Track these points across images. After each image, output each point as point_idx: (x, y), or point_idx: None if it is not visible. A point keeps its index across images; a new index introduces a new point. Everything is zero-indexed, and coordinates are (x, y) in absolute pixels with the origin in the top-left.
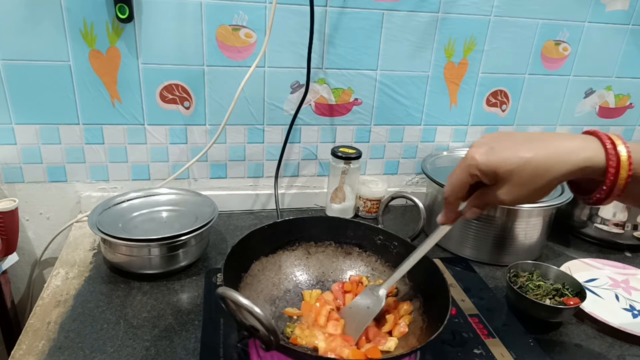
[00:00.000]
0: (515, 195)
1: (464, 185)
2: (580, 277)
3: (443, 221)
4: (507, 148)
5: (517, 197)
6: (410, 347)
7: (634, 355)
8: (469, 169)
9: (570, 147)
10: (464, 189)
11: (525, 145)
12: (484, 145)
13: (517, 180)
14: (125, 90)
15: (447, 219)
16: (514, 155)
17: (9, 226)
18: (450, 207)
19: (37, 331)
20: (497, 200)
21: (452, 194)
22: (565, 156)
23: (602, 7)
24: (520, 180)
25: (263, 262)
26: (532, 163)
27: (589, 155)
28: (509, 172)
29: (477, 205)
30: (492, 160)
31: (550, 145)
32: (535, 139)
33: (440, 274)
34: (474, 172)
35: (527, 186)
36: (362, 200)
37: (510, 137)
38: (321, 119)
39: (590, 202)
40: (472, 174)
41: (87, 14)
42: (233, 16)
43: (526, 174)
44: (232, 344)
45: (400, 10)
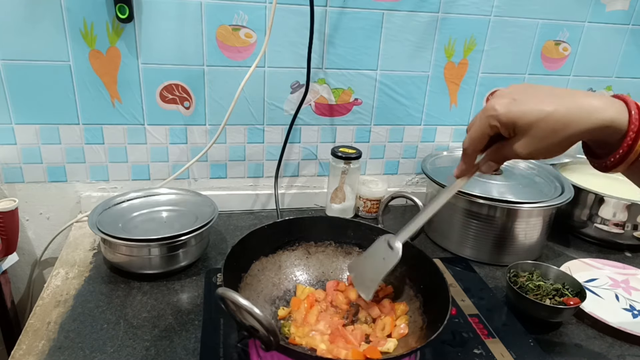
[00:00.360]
0: (532, 148)
1: (484, 136)
2: (580, 277)
3: (460, 174)
4: (529, 100)
5: (533, 151)
6: (410, 347)
7: (634, 355)
8: (489, 120)
9: (594, 105)
10: (483, 141)
11: (549, 99)
12: (507, 96)
13: (535, 133)
14: (125, 90)
15: (464, 171)
16: (535, 107)
17: (9, 226)
18: (467, 159)
19: (37, 331)
20: (514, 154)
21: (470, 145)
22: (587, 113)
23: (602, 7)
24: (539, 133)
25: (263, 262)
26: (553, 117)
27: (611, 116)
28: (529, 125)
29: (494, 158)
30: (513, 112)
31: (573, 101)
32: (560, 93)
33: (440, 274)
34: (494, 123)
35: (545, 140)
36: (362, 200)
37: (535, 90)
38: (321, 119)
39: (603, 165)
40: (492, 125)
41: (87, 14)
42: (233, 16)
43: (545, 127)
44: (232, 344)
45: (400, 10)
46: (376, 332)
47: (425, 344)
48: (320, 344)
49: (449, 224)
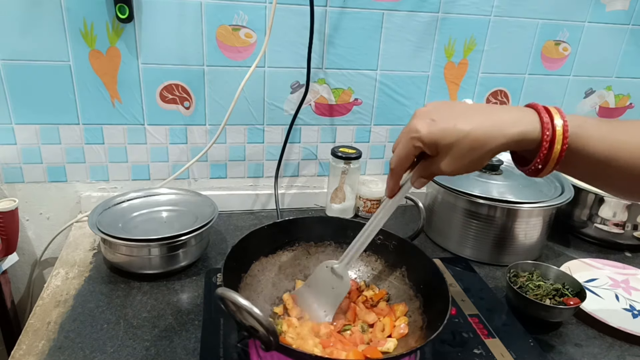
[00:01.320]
0: (455, 166)
1: (409, 156)
2: (580, 277)
3: (391, 193)
4: (448, 120)
5: (456, 168)
6: (409, 347)
7: (634, 355)
8: (412, 142)
9: (507, 119)
10: (409, 160)
11: (464, 118)
12: (426, 117)
13: (456, 152)
14: (125, 90)
15: (393, 189)
16: (453, 128)
17: (9, 226)
18: (395, 177)
19: (37, 331)
20: (440, 171)
21: (397, 165)
22: (501, 129)
23: (602, 7)
24: (459, 152)
25: (263, 262)
26: (470, 137)
27: (524, 129)
28: (449, 145)
29: (423, 175)
30: (434, 132)
31: (487, 118)
32: (474, 110)
33: (440, 274)
34: (418, 144)
35: (465, 158)
36: (362, 200)
37: (450, 108)
38: (321, 119)
39: (527, 172)
40: (416, 146)
41: (87, 14)
42: (233, 16)
43: (464, 146)
44: (232, 344)
45: (400, 10)
46: (376, 333)
47: (425, 343)
48: (313, 348)
49: (449, 224)
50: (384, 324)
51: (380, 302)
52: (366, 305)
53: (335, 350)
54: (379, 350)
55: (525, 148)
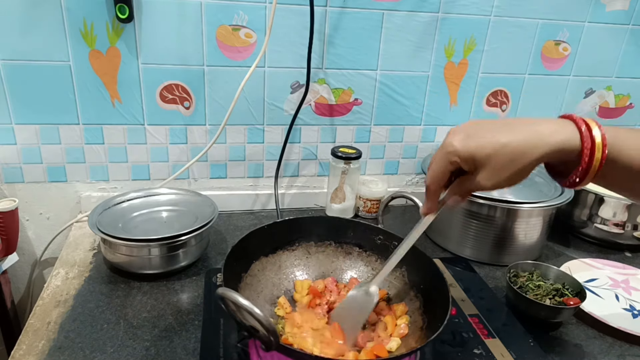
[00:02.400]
0: (494, 180)
1: (445, 173)
2: (580, 277)
3: (427, 211)
4: (484, 134)
5: (496, 182)
6: (410, 347)
7: (634, 355)
8: (448, 157)
9: (545, 130)
10: (445, 177)
11: (502, 131)
12: (461, 132)
13: (494, 165)
14: (125, 90)
15: (430, 208)
16: (491, 140)
17: (9, 226)
18: (432, 196)
19: (37, 331)
20: (477, 187)
21: (433, 183)
22: (541, 139)
23: (602, 7)
24: (498, 164)
25: (263, 262)
26: (509, 147)
27: (564, 138)
28: (487, 157)
29: (459, 192)
30: (471, 146)
31: (526, 129)
32: (511, 123)
33: (440, 274)
34: (454, 159)
35: (505, 170)
36: (362, 200)
37: (487, 123)
38: (321, 119)
39: (567, 184)
40: (452, 162)
41: (87, 14)
42: (233, 16)
43: (503, 158)
44: (232, 344)
45: (400, 10)
46: (379, 332)
47: (425, 344)
48: (312, 347)
49: (449, 224)
50: (386, 322)
51: (380, 302)
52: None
53: (333, 352)
54: (385, 349)
55: (565, 159)
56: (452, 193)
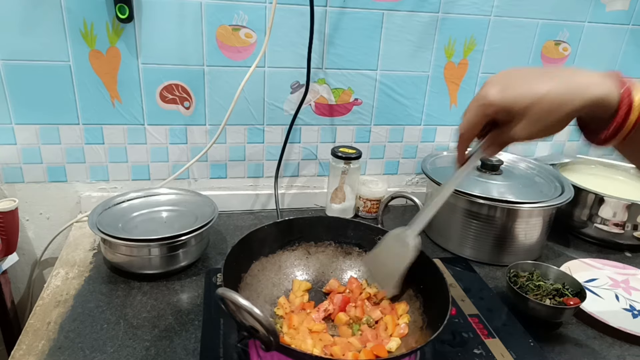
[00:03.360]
0: (530, 130)
1: (479, 123)
2: (580, 277)
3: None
4: (521, 84)
5: (532, 133)
6: (410, 347)
7: (634, 355)
8: (483, 109)
9: (586, 82)
10: (478, 127)
11: (539, 81)
12: (498, 83)
13: (532, 116)
14: (125, 90)
15: (461, 159)
16: (528, 91)
17: (9, 226)
18: (463, 144)
19: (37, 331)
20: (513, 137)
21: (467, 131)
22: (579, 90)
23: (602, 7)
24: (535, 115)
25: (263, 262)
26: (547, 98)
27: (603, 92)
28: (524, 109)
29: (495, 142)
30: (507, 98)
31: (565, 80)
32: (550, 73)
33: (440, 274)
34: (489, 110)
35: (542, 121)
36: (362, 200)
37: (525, 73)
38: (321, 119)
39: (596, 140)
40: (487, 113)
41: (87, 14)
42: (233, 16)
43: (540, 109)
44: (232, 344)
45: (400, 10)
46: (379, 331)
47: (425, 343)
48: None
49: (448, 224)
50: (386, 322)
51: (384, 300)
52: (371, 302)
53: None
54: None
55: (601, 114)
56: (489, 143)
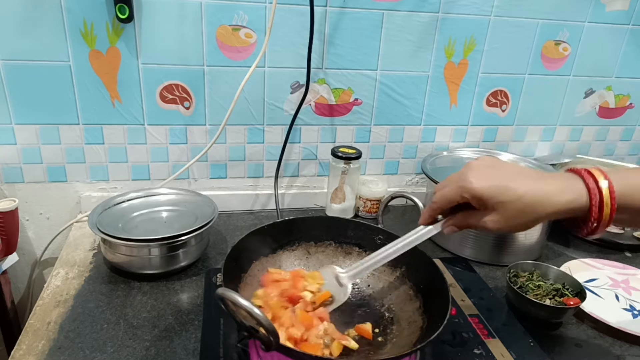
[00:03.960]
0: (501, 224)
1: (453, 202)
2: (580, 277)
3: (423, 222)
4: (501, 179)
5: (503, 227)
6: (410, 347)
7: (634, 355)
8: (461, 191)
9: (553, 189)
10: (451, 205)
11: (517, 181)
12: (480, 172)
13: (505, 212)
14: (125, 90)
15: (425, 220)
16: (508, 188)
17: (9, 226)
18: (432, 212)
19: (37, 331)
20: (482, 226)
21: (440, 205)
22: (550, 198)
23: (602, 7)
24: (509, 213)
25: (263, 262)
26: (523, 199)
27: (572, 197)
28: (500, 204)
29: (458, 224)
30: (486, 188)
31: (539, 184)
32: (527, 174)
33: (440, 274)
34: (466, 194)
35: (514, 219)
36: (362, 200)
37: (504, 167)
38: (321, 119)
39: (582, 235)
40: (463, 195)
41: (87, 14)
42: (233, 16)
43: (515, 208)
44: (232, 344)
45: (400, 10)
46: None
47: (425, 343)
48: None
49: None
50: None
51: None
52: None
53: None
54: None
55: (575, 215)
56: (451, 222)
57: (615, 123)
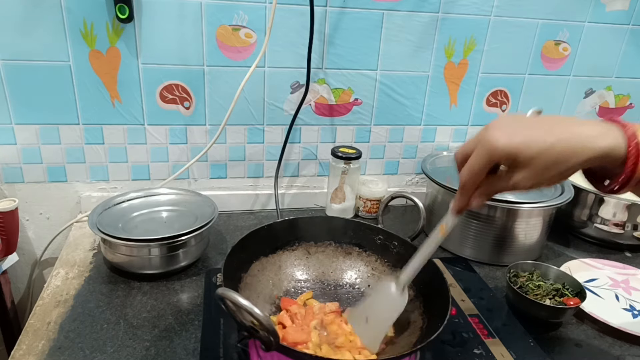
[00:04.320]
0: (534, 180)
1: (484, 170)
2: (580, 277)
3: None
4: (528, 132)
5: (536, 183)
6: (410, 347)
7: (634, 355)
8: (490, 153)
9: (591, 133)
10: (483, 174)
11: (546, 129)
12: (504, 128)
13: (538, 165)
14: (125, 90)
15: (463, 206)
16: (537, 139)
17: (9, 226)
18: (466, 193)
19: (37, 331)
20: (514, 186)
21: (470, 179)
22: (587, 142)
23: (602, 7)
24: (542, 165)
25: (263, 262)
26: (555, 148)
27: (610, 144)
28: (531, 157)
29: (488, 192)
30: (515, 143)
31: (571, 130)
32: (556, 123)
33: (440, 274)
34: (495, 156)
35: (547, 171)
36: (362, 200)
37: (529, 120)
38: (321, 119)
39: (605, 190)
40: (492, 158)
41: (87, 14)
42: (233, 16)
43: (548, 159)
44: (232, 344)
45: (400, 10)
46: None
47: (425, 343)
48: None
49: None
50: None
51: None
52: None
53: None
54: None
55: (608, 164)
56: (481, 192)
57: None
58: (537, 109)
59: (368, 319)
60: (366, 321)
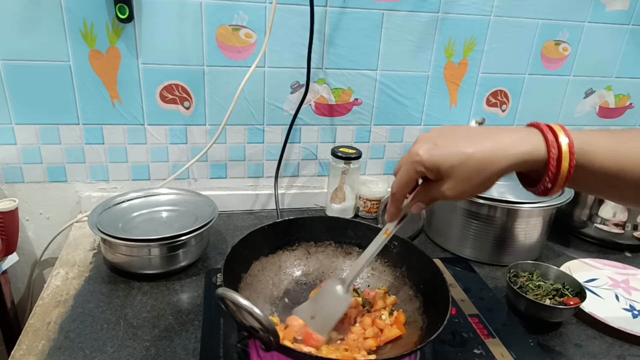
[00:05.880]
0: (458, 190)
1: (411, 180)
2: (580, 277)
3: (391, 218)
4: (450, 144)
5: (460, 192)
6: (410, 347)
7: (634, 355)
8: (414, 166)
9: (510, 140)
10: (410, 185)
11: (467, 141)
12: (428, 141)
13: (459, 175)
14: (125, 90)
15: (394, 215)
16: (455, 151)
17: (9, 226)
18: (396, 202)
19: (37, 331)
20: (442, 196)
21: (398, 190)
22: (505, 150)
23: (602, 7)
24: (463, 175)
25: (263, 262)
26: (474, 158)
27: (529, 148)
28: (452, 168)
29: (422, 200)
30: (436, 156)
31: (491, 140)
32: (477, 133)
33: (440, 274)
34: (420, 168)
35: (469, 181)
36: (362, 200)
37: (453, 132)
38: (321, 119)
39: (537, 192)
40: (417, 170)
41: (87, 14)
42: (233, 16)
43: (468, 169)
44: (232, 344)
45: (400, 10)
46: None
47: (425, 343)
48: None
49: (449, 224)
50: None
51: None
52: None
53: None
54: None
55: (532, 168)
56: (416, 200)
57: (615, 123)
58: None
59: (314, 316)
60: (312, 318)
